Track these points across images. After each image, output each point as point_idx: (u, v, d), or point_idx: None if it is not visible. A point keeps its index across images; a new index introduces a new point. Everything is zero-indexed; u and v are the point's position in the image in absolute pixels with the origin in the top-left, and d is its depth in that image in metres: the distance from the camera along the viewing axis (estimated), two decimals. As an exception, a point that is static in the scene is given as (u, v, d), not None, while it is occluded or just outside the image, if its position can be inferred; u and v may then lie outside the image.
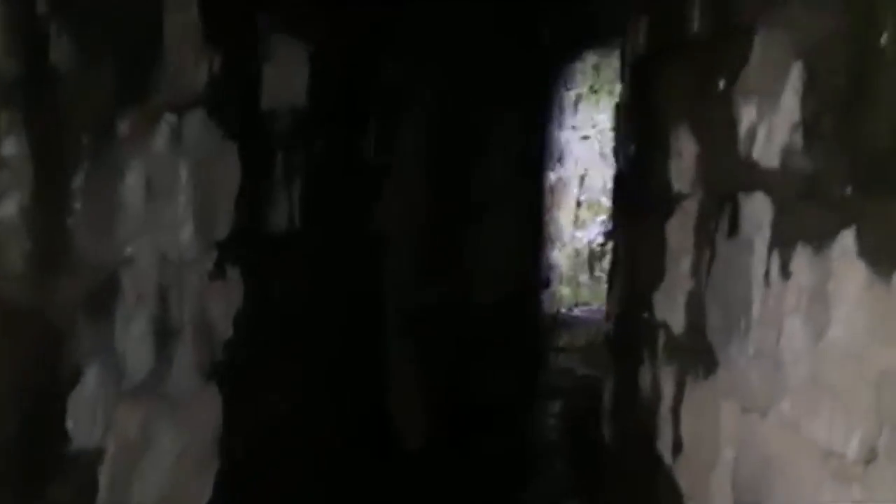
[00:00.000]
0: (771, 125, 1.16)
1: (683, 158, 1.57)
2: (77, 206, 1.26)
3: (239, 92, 2.14)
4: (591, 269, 6.48)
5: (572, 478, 3.93)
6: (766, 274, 1.15)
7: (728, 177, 1.31)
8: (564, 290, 6.27)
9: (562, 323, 6.02)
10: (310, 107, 2.62)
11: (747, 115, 1.24)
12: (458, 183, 4.61)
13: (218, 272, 2.00)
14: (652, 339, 1.71)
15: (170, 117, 1.63)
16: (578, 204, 6.25)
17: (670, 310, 1.59)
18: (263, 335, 2.30)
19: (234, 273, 2.09)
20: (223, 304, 2.03)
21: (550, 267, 6.07)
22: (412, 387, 4.07)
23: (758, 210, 1.19)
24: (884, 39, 0.89)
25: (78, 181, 1.25)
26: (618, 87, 6.57)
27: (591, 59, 6.07)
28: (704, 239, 1.41)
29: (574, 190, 6.21)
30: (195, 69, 1.80)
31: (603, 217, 6.49)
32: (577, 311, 6.29)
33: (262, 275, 2.31)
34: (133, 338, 1.47)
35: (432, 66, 4.11)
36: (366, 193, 3.32)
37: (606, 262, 6.74)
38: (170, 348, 1.68)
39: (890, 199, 0.90)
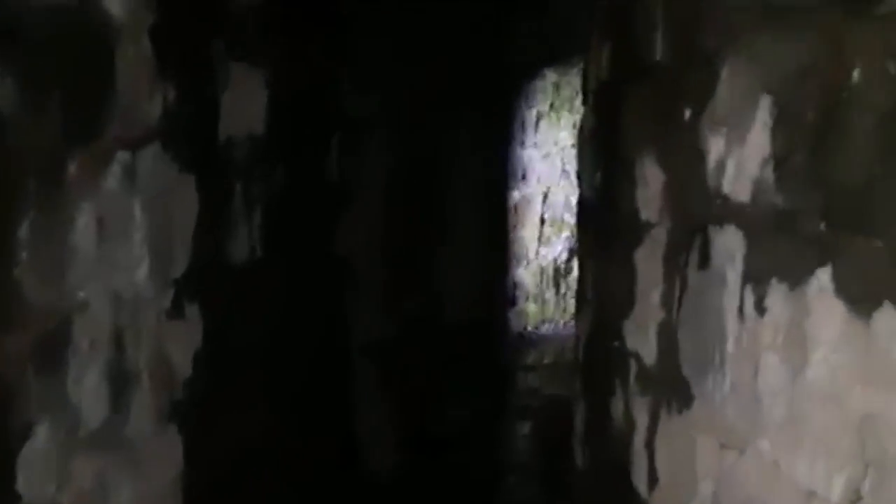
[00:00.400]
0: (740, 158, 1.15)
1: (650, 187, 1.55)
2: (24, 255, 1.19)
3: (195, 122, 2.09)
4: (557, 286, 6.47)
5: (544, 502, 3.89)
6: (741, 308, 1.13)
7: (697, 208, 1.30)
8: (531, 308, 6.26)
9: (529, 341, 6.00)
10: (269, 133, 2.57)
11: (715, 146, 1.22)
12: (422, 204, 4.57)
13: (176, 310, 1.93)
14: (623, 369, 1.68)
15: (122, 155, 1.57)
16: (542, 221, 6.25)
17: (641, 340, 1.57)
18: (225, 370, 2.24)
19: (192, 310, 2.02)
20: (182, 342, 1.96)
21: (516, 285, 6.06)
22: (379, 411, 4.01)
23: (729, 243, 1.17)
24: (856, 74, 0.88)
25: (24, 230, 1.19)
26: (577, 105, 6.61)
27: (551, 77, 6.10)
28: (675, 269, 1.39)
29: (538, 207, 6.22)
30: (149, 102, 1.74)
31: (567, 234, 6.51)
32: (543, 329, 6.28)
33: (223, 308, 2.25)
34: (87, 386, 1.40)
35: (393, 86, 4.08)
36: (328, 218, 3.27)
37: (572, 279, 6.77)
38: (126, 394, 1.61)
39: (864, 236, 0.88)
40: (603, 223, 1.91)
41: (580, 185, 2.72)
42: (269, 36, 2.57)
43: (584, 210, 2.39)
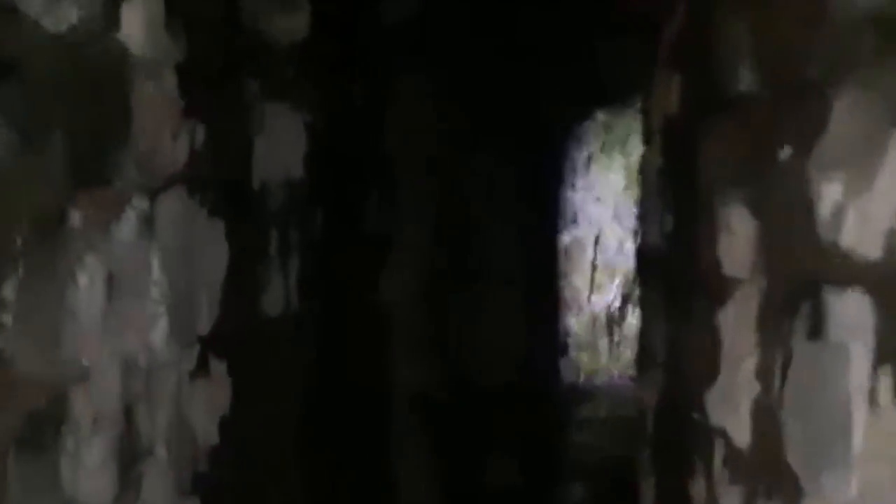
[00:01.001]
0: (866, 207, 0.93)
1: (737, 236, 1.33)
2: (9, 317, 1.03)
3: (227, 167, 1.94)
4: (610, 335, 6.20)
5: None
6: (872, 394, 0.90)
7: (804, 265, 1.08)
8: (583, 357, 5.99)
9: (582, 393, 5.73)
10: (307, 179, 2.42)
11: (829, 191, 1.01)
12: (467, 249, 4.39)
13: (200, 370, 1.76)
14: (706, 447, 1.45)
15: (139, 202, 1.41)
16: (594, 267, 6.02)
17: (730, 416, 1.33)
18: (256, 436, 2.05)
19: (219, 369, 1.85)
20: (207, 406, 1.78)
21: (567, 334, 5.81)
22: (421, 473, 3.78)
23: (854, 311, 0.94)
24: None
25: (10, 288, 1.02)
26: (629, 147, 6.40)
27: (601, 117, 5.92)
28: (773, 337, 1.16)
29: (589, 252, 5.99)
30: (172, 145, 1.59)
31: (619, 280, 6.25)
32: (596, 380, 6.00)
33: (254, 366, 2.07)
34: (87, 469, 1.22)
35: (436, 128, 3.93)
36: (367, 267, 3.09)
37: (626, 328, 6.48)
38: (137, 471, 1.43)
39: None
40: (675, 276, 1.69)
41: (642, 232, 2.50)
42: (308, 76, 2.43)
43: (648, 259, 2.17)
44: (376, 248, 3.15)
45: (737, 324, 1.33)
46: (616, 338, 6.25)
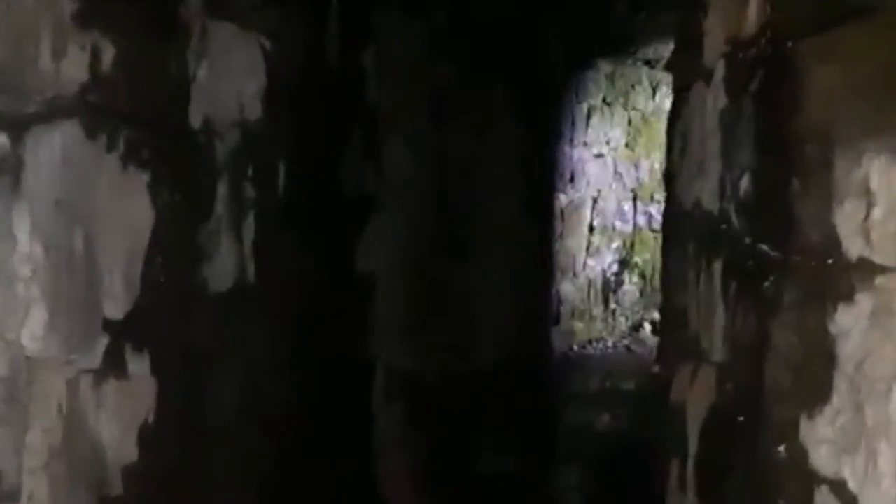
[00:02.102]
0: None
1: (875, 206, 0.90)
2: None
3: (151, 98, 1.47)
4: (606, 302, 5.80)
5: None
6: None
7: None
8: (577, 325, 5.59)
9: (574, 363, 5.34)
10: (265, 121, 1.95)
11: None
12: (455, 210, 3.94)
13: (110, 369, 1.32)
14: (799, 496, 1.03)
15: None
16: (591, 229, 5.59)
17: (852, 467, 0.92)
18: (192, 446, 1.62)
19: (139, 365, 1.41)
20: (120, 415, 1.35)
21: (561, 301, 5.40)
22: (404, 458, 3.38)
23: None
24: None
25: None
26: (633, 100, 5.93)
27: (604, 67, 5.44)
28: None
29: (586, 214, 5.55)
30: (53, 62, 1.13)
31: (617, 243, 5.83)
32: (590, 349, 5.61)
33: (190, 358, 1.64)
34: None
35: (423, 74, 3.44)
36: (344, 234, 2.64)
37: (622, 294, 6.10)
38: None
39: None
40: (744, 254, 1.26)
41: (673, 194, 2.07)
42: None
43: (689, 228, 1.73)
44: (356, 212, 2.69)
45: (872, 332, 0.90)
46: (611, 305, 5.86)
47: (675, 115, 2.08)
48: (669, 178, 2.13)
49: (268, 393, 2.09)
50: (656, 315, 6.26)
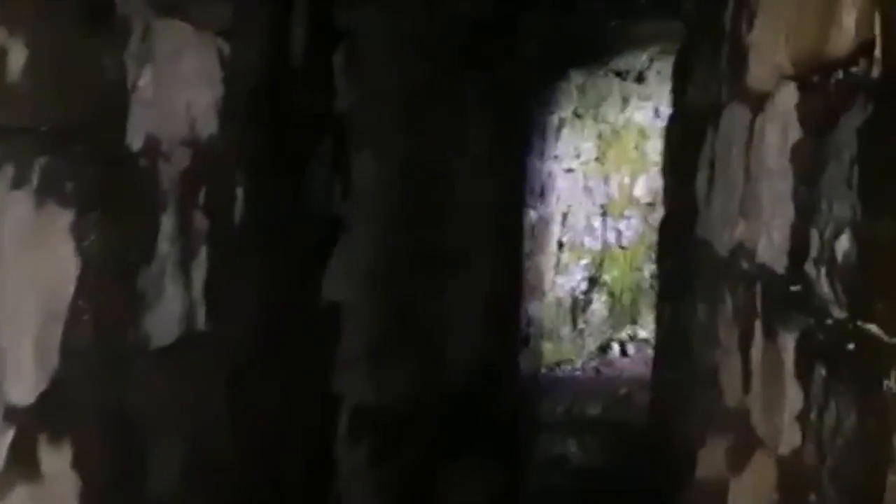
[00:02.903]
0: None
1: None
2: None
3: (78, 113, 1.16)
4: (574, 322, 5.58)
5: None
6: None
7: None
8: (546, 347, 5.35)
9: (543, 388, 5.09)
10: (222, 137, 1.64)
11: None
12: (428, 231, 3.66)
13: (17, 470, 1.00)
14: None
15: None
16: (560, 246, 5.36)
17: None
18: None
19: (57, 461, 1.09)
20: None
21: (530, 322, 5.15)
22: (369, 501, 3.08)
23: None
24: None
25: None
26: (603, 112, 5.73)
27: (576, 78, 5.21)
28: None
29: (555, 230, 5.32)
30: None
31: (586, 261, 5.61)
32: (559, 372, 5.37)
33: (130, 430, 1.32)
34: None
35: (387, 84, 3.15)
36: (310, 262, 2.33)
37: (590, 313, 5.87)
38: None
39: None
40: (836, 331, 1.00)
41: (689, 227, 1.83)
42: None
43: (720, 272, 1.48)
44: (321, 234, 2.39)
45: None
46: (580, 324, 5.64)
47: (679, 135, 1.83)
48: (675, 200, 1.89)
49: (218, 450, 1.78)
50: (624, 335, 6.06)
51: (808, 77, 1.13)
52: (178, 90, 1.47)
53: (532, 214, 5.06)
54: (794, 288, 1.12)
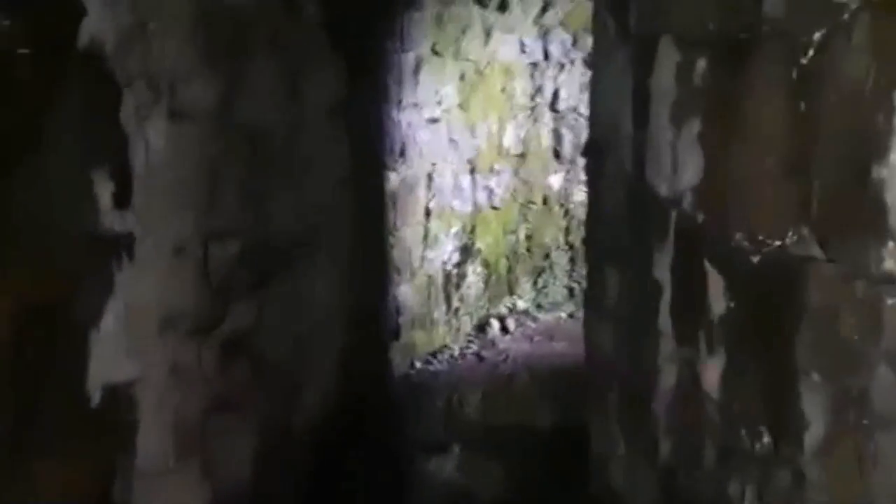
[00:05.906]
0: None
1: None
2: None
3: None
4: (448, 301, 4.72)
5: None
6: None
7: None
8: (418, 336, 4.46)
9: (418, 385, 4.22)
10: None
11: None
12: (255, 200, 2.66)
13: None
14: None
15: None
16: (427, 213, 4.45)
17: None
18: None
19: None
20: None
21: (399, 309, 4.24)
22: None
23: None
24: None
25: None
26: (466, 46, 4.80)
27: (432, 6, 4.24)
28: None
29: (421, 195, 4.40)
30: None
31: (456, 228, 4.74)
32: (435, 364, 4.51)
33: None
34: None
35: (181, 10, 2.08)
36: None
37: (465, 288, 5.03)
38: None
39: None
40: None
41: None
42: None
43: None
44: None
45: None
46: (455, 303, 4.79)
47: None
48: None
49: None
50: (503, 308, 5.29)
51: None
52: None
53: (393, 178, 4.10)
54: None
